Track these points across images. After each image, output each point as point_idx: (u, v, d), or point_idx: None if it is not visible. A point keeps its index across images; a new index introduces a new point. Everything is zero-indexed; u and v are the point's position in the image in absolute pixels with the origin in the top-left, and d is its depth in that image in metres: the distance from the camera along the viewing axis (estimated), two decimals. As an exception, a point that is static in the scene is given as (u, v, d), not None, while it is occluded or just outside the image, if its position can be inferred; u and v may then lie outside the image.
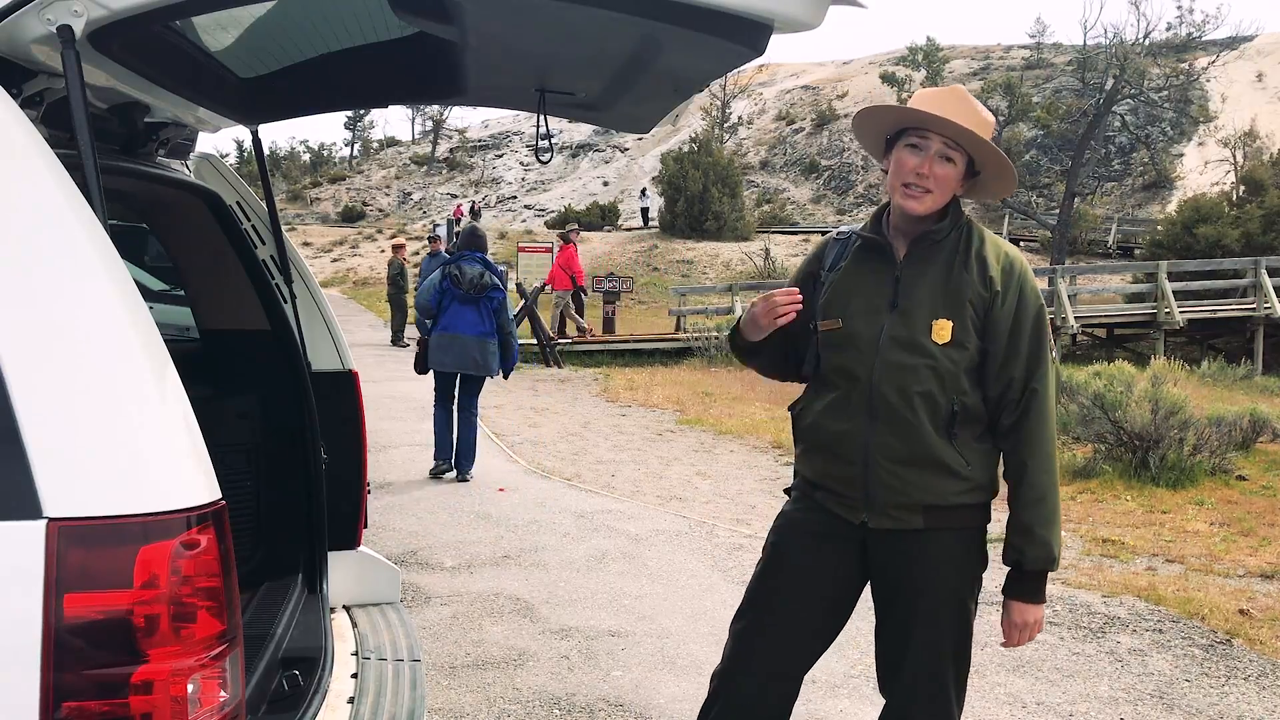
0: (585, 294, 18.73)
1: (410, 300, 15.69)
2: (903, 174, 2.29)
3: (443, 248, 15.15)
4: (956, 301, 2.27)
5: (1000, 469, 2.38)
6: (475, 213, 33.64)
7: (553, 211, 48.89)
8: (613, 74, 2.27)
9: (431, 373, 7.73)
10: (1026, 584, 2.33)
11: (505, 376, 8.01)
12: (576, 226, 21.55)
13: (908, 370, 2.26)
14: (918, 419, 2.25)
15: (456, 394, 7.73)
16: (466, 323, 7.45)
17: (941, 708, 2.35)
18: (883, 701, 2.47)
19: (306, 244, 41.19)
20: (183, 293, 3.39)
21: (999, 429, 2.32)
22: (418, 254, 34.71)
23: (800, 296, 2.34)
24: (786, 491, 2.59)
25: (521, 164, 59.48)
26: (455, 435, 7.74)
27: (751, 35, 1.76)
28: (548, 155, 2.82)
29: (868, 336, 2.31)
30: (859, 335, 2.33)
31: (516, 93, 2.62)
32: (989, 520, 2.39)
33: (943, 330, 2.26)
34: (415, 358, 7.95)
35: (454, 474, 7.78)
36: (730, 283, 21.40)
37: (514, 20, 1.96)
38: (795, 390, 2.58)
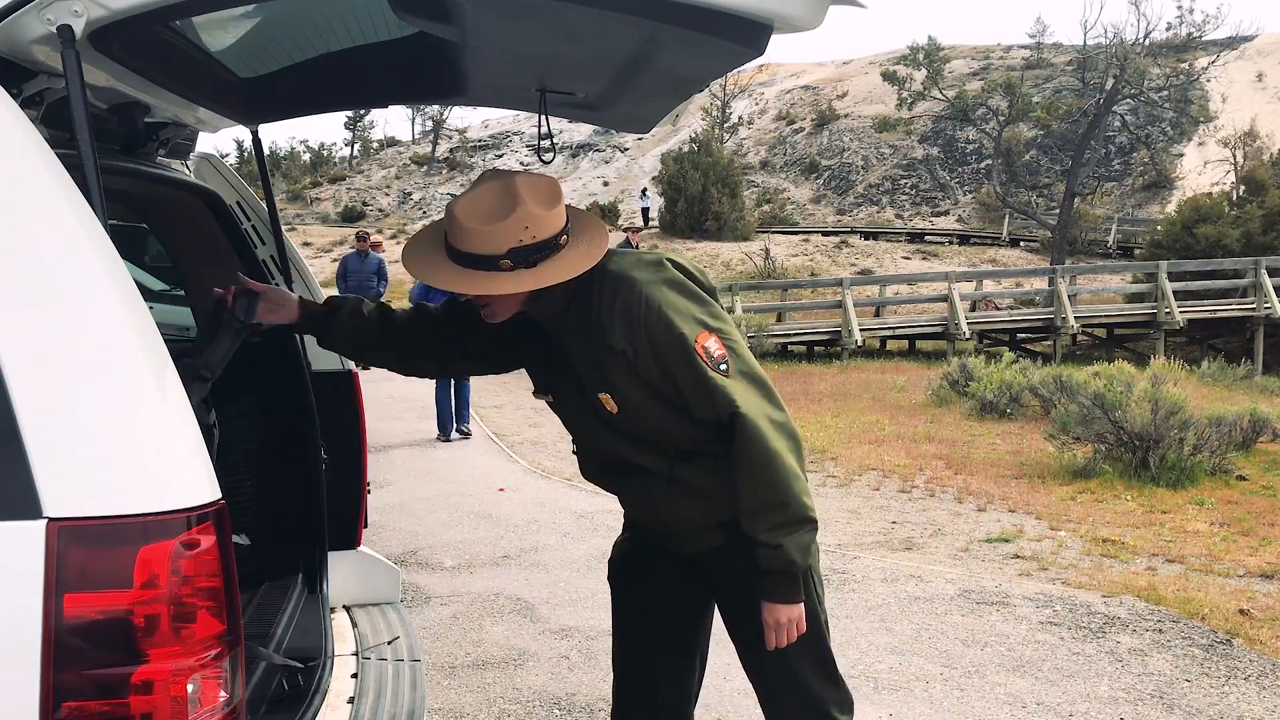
0: None
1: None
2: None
3: (371, 248, 13.40)
4: (605, 375, 2.13)
5: None
6: None
7: (553, 211, 48.82)
8: (613, 74, 2.27)
9: None
10: (768, 585, 2.14)
11: None
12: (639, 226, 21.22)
13: (613, 441, 2.22)
14: (653, 472, 2.20)
15: None
16: None
17: (810, 706, 2.27)
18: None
19: (306, 244, 41.18)
20: (183, 293, 3.39)
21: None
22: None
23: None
24: None
25: (521, 164, 59.45)
26: (454, 398, 9.76)
27: (751, 35, 1.76)
28: (550, 155, 2.82)
29: (569, 413, 2.28)
30: (564, 412, 2.30)
31: (517, 93, 2.62)
32: None
33: (609, 403, 2.15)
34: None
35: (459, 436, 9.83)
36: (730, 283, 21.39)
37: (514, 20, 1.96)
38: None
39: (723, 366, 2.08)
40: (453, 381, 9.60)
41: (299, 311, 2.33)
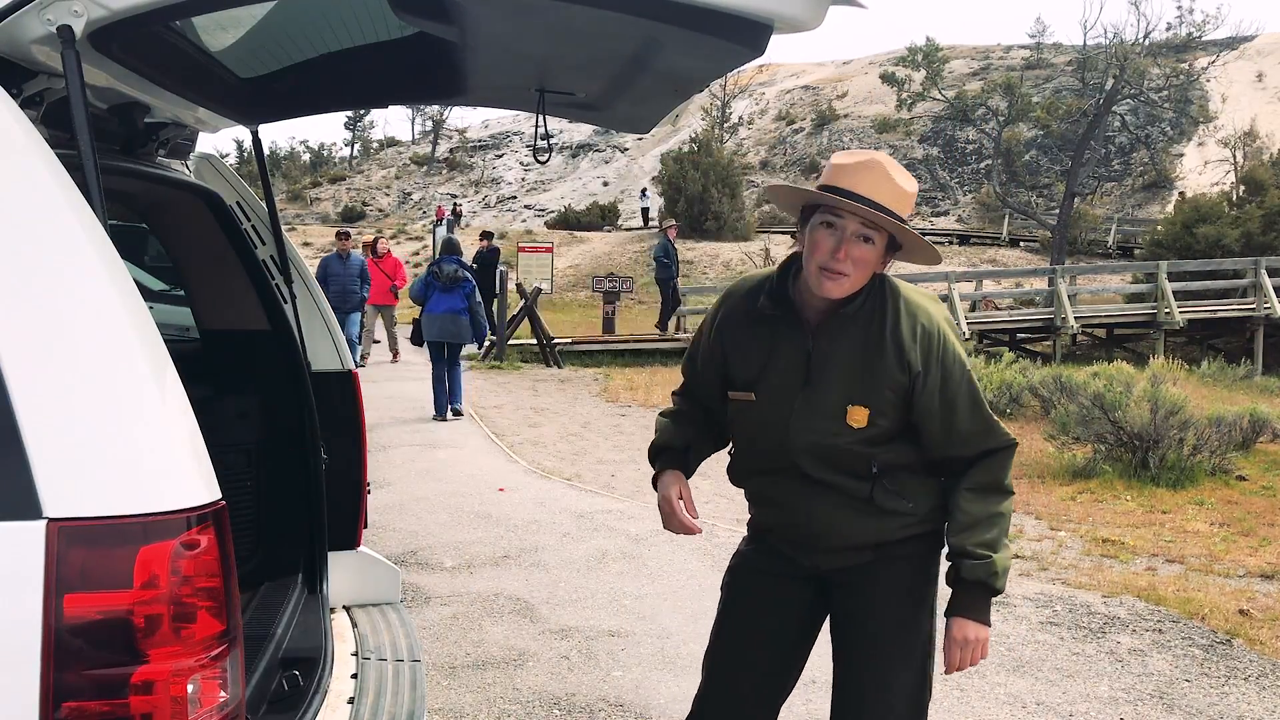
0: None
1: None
2: (818, 256, 2.11)
3: (352, 248, 12.97)
4: (872, 388, 2.15)
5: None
6: (456, 213, 33.87)
7: (553, 211, 48.87)
8: (613, 74, 2.27)
9: (426, 345, 10.68)
10: (964, 598, 2.23)
11: (479, 345, 11.35)
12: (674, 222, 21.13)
13: (824, 448, 2.20)
14: (844, 486, 2.21)
15: (446, 356, 10.66)
16: (445, 305, 10.34)
17: None
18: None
19: (306, 244, 41.16)
20: (183, 293, 3.39)
21: (948, 473, 2.26)
22: (417, 254, 34.72)
23: (699, 530, 2.34)
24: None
25: (521, 164, 59.46)
26: (448, 384, 10.71)
27: (751, 35, 1.76)
28: (546, 155, 2.82)
29: (781, 413, 2.22)
30: (772, 410, 2.23)
31: (516, 93, 2.62)
32: (940, 547, 2.33)
33: (858, 416, 2.16)
34: (412, 333, 11.05)
35: (453, 416, 10.68)
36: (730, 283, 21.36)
37: (514, 20, 1.96)
38: None
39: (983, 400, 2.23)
40: (447, 367, 10.66)
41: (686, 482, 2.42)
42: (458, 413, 10.88)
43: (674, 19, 1.72)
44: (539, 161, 2.59)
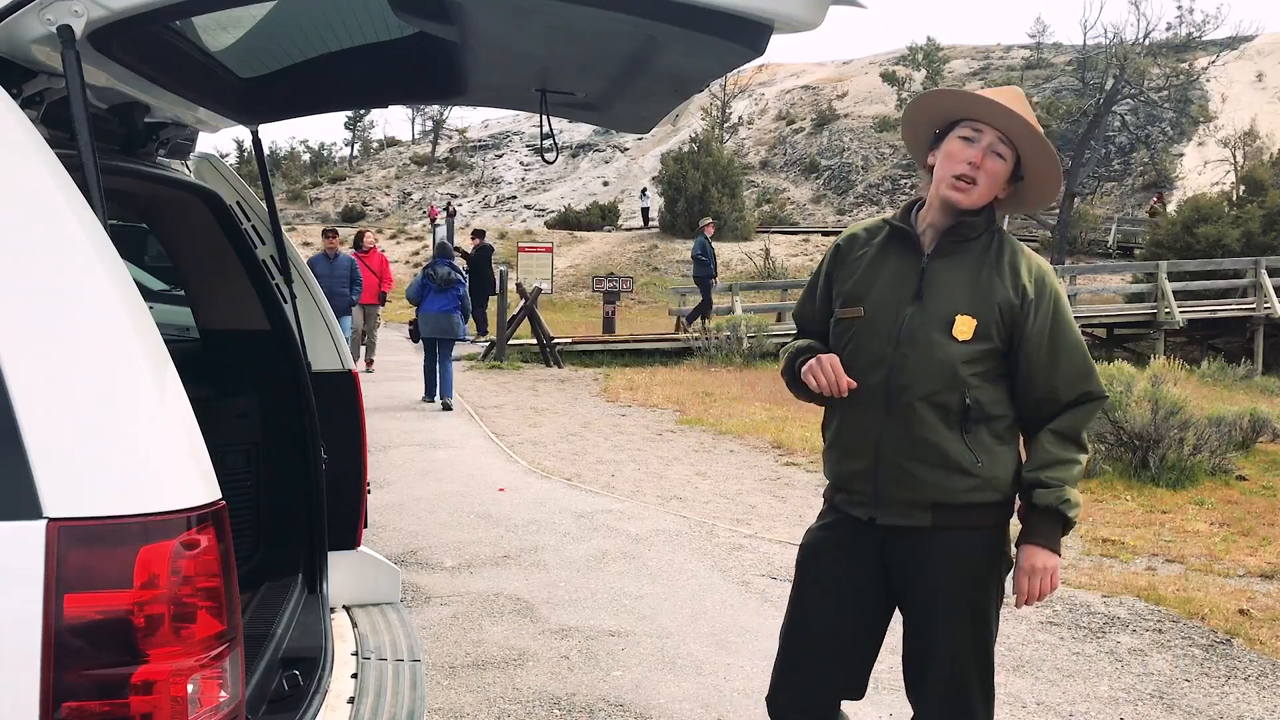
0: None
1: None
2: (954, 164, 2.26)
3: (340, 247, 12.59)
4: (983, 301, 2.25)
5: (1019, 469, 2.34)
6: (450, 213, 34.11)
7: (553, 211, 48.88)
8: (613, 74, 2.27)
9: (421, 340, 11.71)
10: (1036, 525, 2.28)
11: (466, 326, 12.28)
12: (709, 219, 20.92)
13: (924, 363, 2.24)
14: (929, 412, 2.24)
15: (438, 351, 11.51)
16: (439, 305, 11.21)
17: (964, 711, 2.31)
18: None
19: (306, 244, 41.16)
20: (183, 293, 3.39)
21: (1036, 421, 2.32)
22: (417, 254, 34.69)
23: (854, 384, 2.32)
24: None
25: (521, 164, 59.47)
26: (439, 378, 11.45)
27: (752, 35, 1.76)
28: (554, 155, 2.83)
29: (887, 326, 2.29)
30: (879, 324, 2.30)
31: (517, 93, 2.62)
32: (1005, 523, 2.34)
33: (964, 326, 2.23)
34: (410, 332, 12.22)
35: (441, 408, 11.25)
36: (730, 283, 21.37)
37: (514, 20, 1.96)
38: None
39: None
40: (438, 360, 11.41)
41: None
42: (447, 406, 11.21)
43: (674, 19, 1.72)
44: (546, 162, 2.60)
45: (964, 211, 2.29)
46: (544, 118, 2.43)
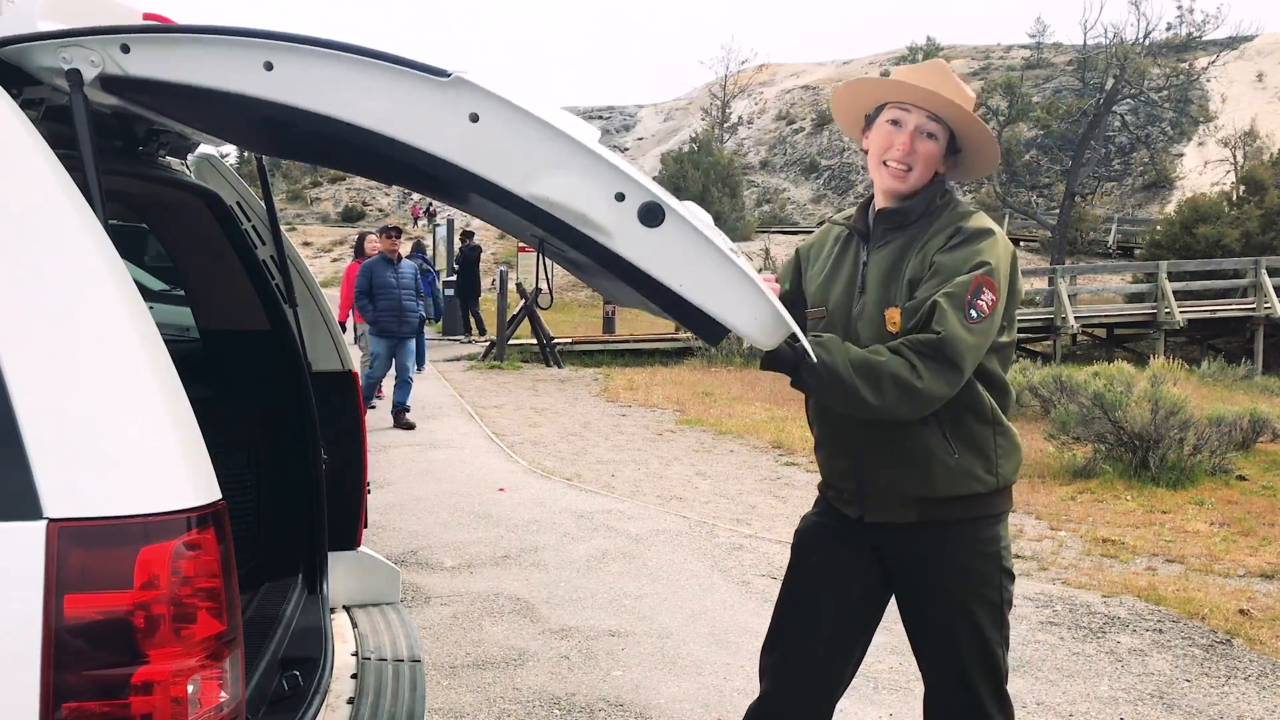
0: None
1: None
2: (883, 150, 2.25)
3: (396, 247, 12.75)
4: (905, 287, 2.20)
5: (1010, 464, 2.30)
6: (430, 212, 34.46)
7: (553, 211, 48.84)
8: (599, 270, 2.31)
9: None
10: (779, 356, 2.05)
11: (438, 320, 14.14)
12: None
13: None
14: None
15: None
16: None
17: (973, 706, 2.28)
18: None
19: (306, 244, 41.18)
20: (183, 293, 3.39)
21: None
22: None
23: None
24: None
25: (521, 164, 59.30)
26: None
27: (711, 332, 1.84)
28: (548, 302, 2.84)
29: (842, 324, 2.30)
30: (836, 324, 2.31)
31: (519, 229, 2.64)
32: (996, 514, 2.29)
33: (895, 318, 2.19)
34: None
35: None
36: (730, 283, 21.33)
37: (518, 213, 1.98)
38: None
39: (973, 314, 2.10)
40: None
41: None
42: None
43: (662, 303, 1.80)
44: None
45: (905, 196, 2.27)
46: (540, 258, 2.41)
